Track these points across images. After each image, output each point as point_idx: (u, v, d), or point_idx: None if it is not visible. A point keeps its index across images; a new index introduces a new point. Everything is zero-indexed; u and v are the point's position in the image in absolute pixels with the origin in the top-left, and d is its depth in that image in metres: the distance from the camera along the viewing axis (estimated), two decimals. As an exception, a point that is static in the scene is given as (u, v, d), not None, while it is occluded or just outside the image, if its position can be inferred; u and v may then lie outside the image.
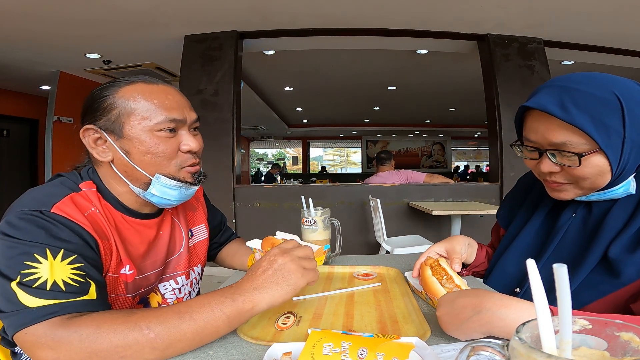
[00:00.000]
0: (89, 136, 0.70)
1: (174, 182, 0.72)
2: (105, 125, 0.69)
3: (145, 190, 0.72)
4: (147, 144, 0.68)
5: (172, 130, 0.70)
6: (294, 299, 0.77)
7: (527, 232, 0.81)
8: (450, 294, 0.59)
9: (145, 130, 0.68)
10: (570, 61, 4.27)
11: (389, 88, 6.25)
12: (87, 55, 3.97)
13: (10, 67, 4.27)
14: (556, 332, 0.27)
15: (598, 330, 0.29)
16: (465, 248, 0.88)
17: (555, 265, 0.26)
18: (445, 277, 0.75)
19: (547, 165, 0.67)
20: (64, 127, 4.57)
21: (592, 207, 0.73)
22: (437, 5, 2.99)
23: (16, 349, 0.76)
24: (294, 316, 0.68)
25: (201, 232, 0.93)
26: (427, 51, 4.22)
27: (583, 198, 0.72)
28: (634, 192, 0.67)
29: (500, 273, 0.82)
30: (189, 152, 0.73)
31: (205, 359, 0.53)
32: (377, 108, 8.40)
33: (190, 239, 0.89)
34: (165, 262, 0.82)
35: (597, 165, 0.63)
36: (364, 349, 0.48)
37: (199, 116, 0.77)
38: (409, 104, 7.61)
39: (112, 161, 0.71)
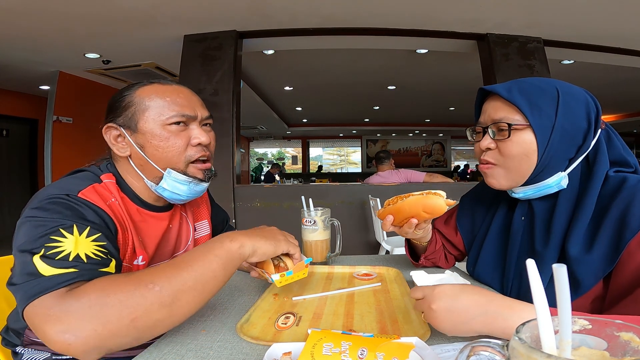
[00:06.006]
0: (110, 133, 0.75)
1: (183, 177, 0.75)
2: (124, 122, 0.74)
3: (157, 184, 0.75)
4: (159, 137, 0.73)
5: (183, 124, 0.75)
6: (293, 298, 0.78)
7: (491, 237, 0.85)
8: (449, 289, 0.56)
9: (158, 124, 0.73)
10: (570, 60, 4.26)
11: (389, 87, 6.23)
12: (86, 55, 3.96)
13: (9, 67, 4.25)
14: (556, 332, 0.27)
15: (598, 330, 0.29)
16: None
17: (555, 266, 0.26)
18: (401, 200, 0.79)
19: (486, 140, 0.75)
20: (63, 127, 4.56)
21: (535, 208, 0.76)
22: (437, 5, 2.99)
23: (17, 349, 0.76)
24: (294, 316, 0.68)
25: (204, 228, 0.95)
26: (426, 50, 4.21)
27: (521, 195, 0.75)
28: (565, 186, 0.71)
29: (480, 279, 0.86)
30: (199, 144, 0.77)
31: (206, 359, 0.54)
32: (377, 107, 8.39)
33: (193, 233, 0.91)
34: (172, 255, 0.84)
35: (524, 142, 0.69)
36: (364, 349, 0.48)
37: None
38: (408, 103, 7.60)
39: (129, 156, 0.75)
